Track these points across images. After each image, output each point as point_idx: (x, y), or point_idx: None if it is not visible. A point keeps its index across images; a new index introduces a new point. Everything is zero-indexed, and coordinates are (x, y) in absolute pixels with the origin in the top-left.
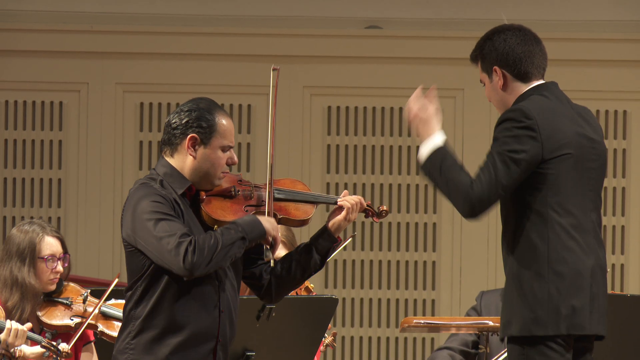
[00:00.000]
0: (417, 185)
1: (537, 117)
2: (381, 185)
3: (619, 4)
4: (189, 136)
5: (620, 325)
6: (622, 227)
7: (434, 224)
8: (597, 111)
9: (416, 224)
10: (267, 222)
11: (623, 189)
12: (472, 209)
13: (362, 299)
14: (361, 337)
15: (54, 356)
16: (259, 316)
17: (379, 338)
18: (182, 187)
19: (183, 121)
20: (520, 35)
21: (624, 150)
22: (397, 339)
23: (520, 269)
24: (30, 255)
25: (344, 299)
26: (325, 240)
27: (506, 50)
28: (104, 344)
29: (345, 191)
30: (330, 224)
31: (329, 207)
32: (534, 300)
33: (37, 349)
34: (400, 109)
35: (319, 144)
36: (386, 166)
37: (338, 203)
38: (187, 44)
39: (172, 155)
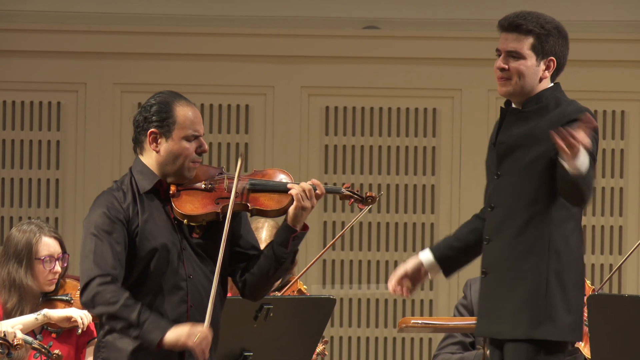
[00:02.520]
0: (414, 186)
1: None
2: (379, 185)
3: (616, 4)
4: (148, 132)
5: (618, 325)
6: (620, 227)
7: (432, 224)
8: (595, 111)
9: (414, 224)
10: (181, 334)
11: (621, 189)
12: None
13: (359, 299)
14: (359, 338)
15: (45, 359)
16: (257, 316)
17: (376, 338)
18: (150, 184)
19: (142, 118)
20: (568, 46)
21: (621, 150)
22: (394, 339)
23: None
24: (27, 256)
25: (341, 299)
26: (284, 231)
27: (565, 55)
28: None
29: (307, 182)
30: (288, 213)
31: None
32: (571, 306)
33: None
34: (399, 109)
35: (316, 144)
36: (384, 166)
37: (288, 191)
38: (185, 45)
39: (142, 154)
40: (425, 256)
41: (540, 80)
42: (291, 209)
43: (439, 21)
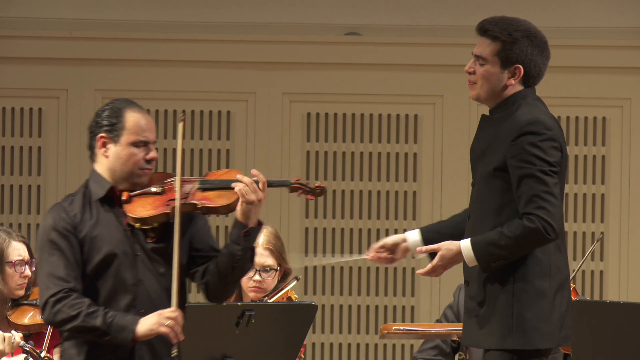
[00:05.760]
0: (396, 192)
1: (553, 127)
2: (360, 191)
3: (598, 11)
4: (98, 137)
5: (600, 331)
6: (602, 233)
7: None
8: (577, 117)
9: (395, 230)
10: (151, 324)
11: (602, 195)
12: (556, 235)
13: (341, 306)
14: (340, 344)
15: None
16: (239, 323)
17: (358, 345)
18: (102, 192)
19: (94, 123)
20: (548, 51)
21: (603, 157)
22: (376, 345)
23: (521, 281)
24: None
25: (323, 306)
26: (235, 228)
27: (537, 62)
28: None
29: (246, 177)
30: (236, 210)
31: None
32: (538, 315)
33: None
34: (380, 116)
35: (298, 150)
36: (365, 173)
37: (232, 185)
38: (166, 51)
39: (95, 160)
40: (412, 234)
41: (506, 87)
42: (238, 205)
43: (421, 28)
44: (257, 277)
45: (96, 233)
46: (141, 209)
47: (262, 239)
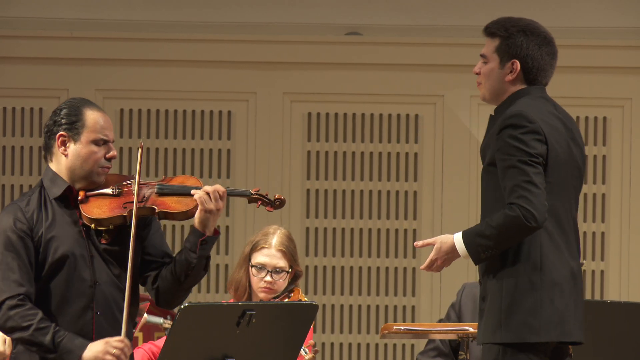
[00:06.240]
0: (397, 192)
1: (538, 120)
2: (361, 191)
3: (599, 11)
4: (57, 135)
5: (601, 331)
6: (602, 233)
7: (414, 230)
8: (577, 117)
9: (396, 230)
10: (97, 351)
11: (603, 195)
12: (538, 223)
13: (342, 305)
14: (341, 344)
15: None
16: (239, 322)
17: (359, 344)
18: (59, 191)
19: (52, 122)
20: (551, 47)
21: (603, 156)
22: (377, 345)
23: (511, 276)
24: None
25: (324, 305)
26: (192, 236)
27: (535, 56)
28: None
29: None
30: (194, 218)
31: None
32: (527, 309)
33: None
34: (381, 115)
35: (299, 150)
36: (366, 173)
37: (192, 194)
38: (167, 51)
39: (51, 160)
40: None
41: (507, 84)
42: (197, 213)
43: (421, 27)
44: (268, 278)
45: (52, 234)
46: (97, 209)
47: (275, 240)
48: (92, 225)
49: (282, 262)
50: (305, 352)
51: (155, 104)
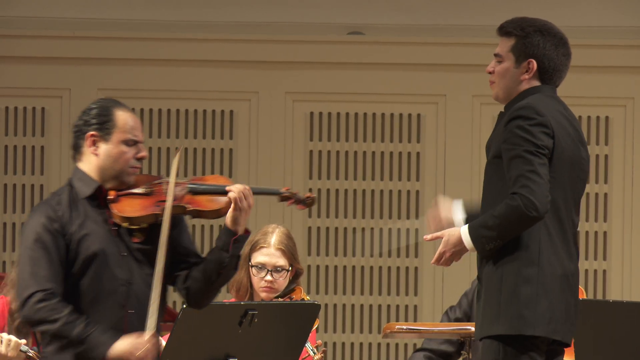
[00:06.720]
0: (399, 191)
1: (547, 115)
2: (363, 191)
3: (601, 11)
4: (87, 135)
5: (603, 331)
6: (604, 233)
7: (416, 229)
8: (580, 117)
9: (398, 229)
10: (125, 349)
11: (605, 194)
12: (539, 213)
13: (344, 305)
14: (343, 343)
15: None
16: (241, 322)
17: (361, 344)
18: (89, 190)
19: (82, 122)
20: (566, 49)
21: (605, 156)
22: (379, 344)
23: (510, 270)
24: None
25: (326, 305)
26: (224, 235)
27: (552, 56)
28: None
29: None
30: (227, 217)
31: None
32: (523, 301)
33: None
34: (383, 115)
35: (301, 150)
36: (368, 172)
37: (227, 193)
38: (169, 50)
39: (81, 160)
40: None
41: (521, 82)
42: (230, 212)
43: (424, 27)
44: (268, 277)
45: (84, 232)
46: (130, 208)
47: (274, 239)
48: (125, 224)
49: (281, 261)
50: (314, 352)
51: (157, 103)
